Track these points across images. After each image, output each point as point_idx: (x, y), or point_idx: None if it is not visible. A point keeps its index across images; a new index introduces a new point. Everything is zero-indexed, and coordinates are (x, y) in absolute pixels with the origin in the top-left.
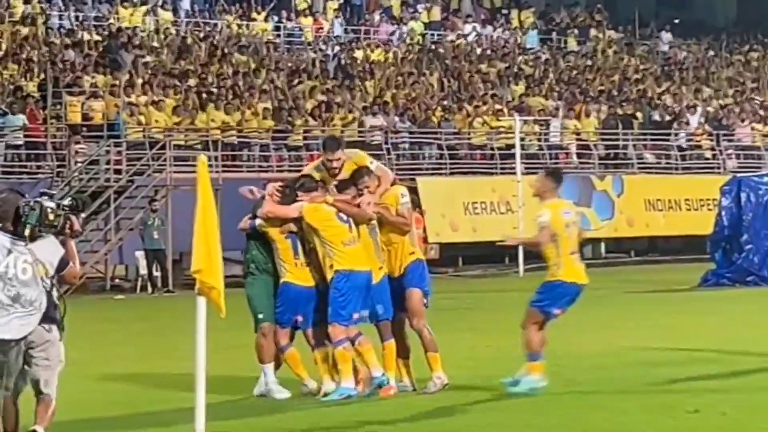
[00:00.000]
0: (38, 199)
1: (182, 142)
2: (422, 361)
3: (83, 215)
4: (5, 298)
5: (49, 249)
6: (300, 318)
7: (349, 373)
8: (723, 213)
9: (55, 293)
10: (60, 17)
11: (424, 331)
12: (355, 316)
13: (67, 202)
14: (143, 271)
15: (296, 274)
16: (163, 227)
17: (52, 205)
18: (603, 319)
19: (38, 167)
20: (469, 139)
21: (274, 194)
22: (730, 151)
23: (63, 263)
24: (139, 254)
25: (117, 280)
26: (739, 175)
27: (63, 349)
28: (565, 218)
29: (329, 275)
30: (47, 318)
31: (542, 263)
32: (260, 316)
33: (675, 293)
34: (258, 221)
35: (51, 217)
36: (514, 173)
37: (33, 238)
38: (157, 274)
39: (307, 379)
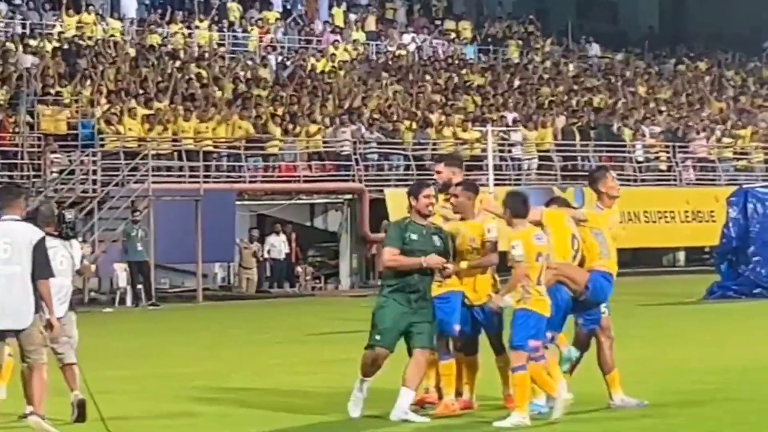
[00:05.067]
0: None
1: (156, 152)
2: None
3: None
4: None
5: (77, 248)
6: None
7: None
8: (730, 224)
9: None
10: (7, 24)
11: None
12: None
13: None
14: (122, 283)
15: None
16: (147, 238)
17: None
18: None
19: (11, 177)
20: (435, 150)
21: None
22: (686, 164)
23: (81, 259)
24: (118, 266)
25: (92, 293)
26: (744, 186)
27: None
28: None
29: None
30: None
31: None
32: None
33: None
34: None
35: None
36: (481, 185)
37: (68, 238)
38: (139, 286)
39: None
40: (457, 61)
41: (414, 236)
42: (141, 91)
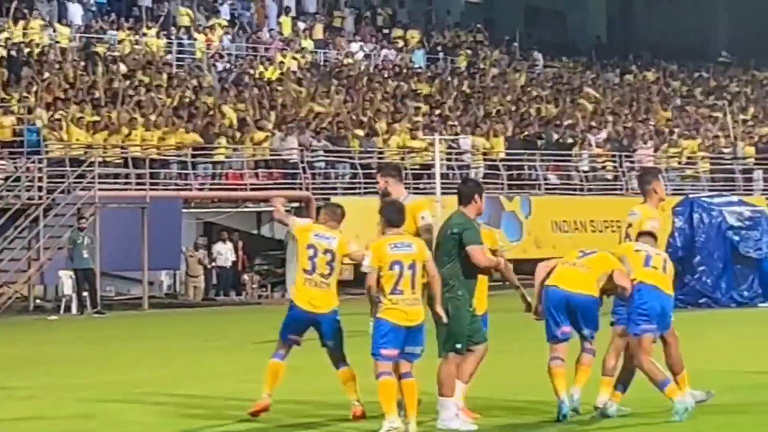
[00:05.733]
0: None
1: (103, 159)
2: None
3: None
4: None
5: None
6: None
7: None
8: (676, 234)
9: None
10: None
11: None
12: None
13: None
14: (68, 291)
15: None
16: (93, 246)
17: None
18: None
19: None
20: (381, 158)
21: None
22: (632, 173)
23: None
24: (63, 274)
25: (37, 301)
26: (690, 195)
27: None
28: None
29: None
30: None
31: None
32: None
33: None
34: None
35: None
36: (429, 193)
37: None
38: (84, 294)
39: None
40: (405, 70)
41: None
42: (87, 98)
